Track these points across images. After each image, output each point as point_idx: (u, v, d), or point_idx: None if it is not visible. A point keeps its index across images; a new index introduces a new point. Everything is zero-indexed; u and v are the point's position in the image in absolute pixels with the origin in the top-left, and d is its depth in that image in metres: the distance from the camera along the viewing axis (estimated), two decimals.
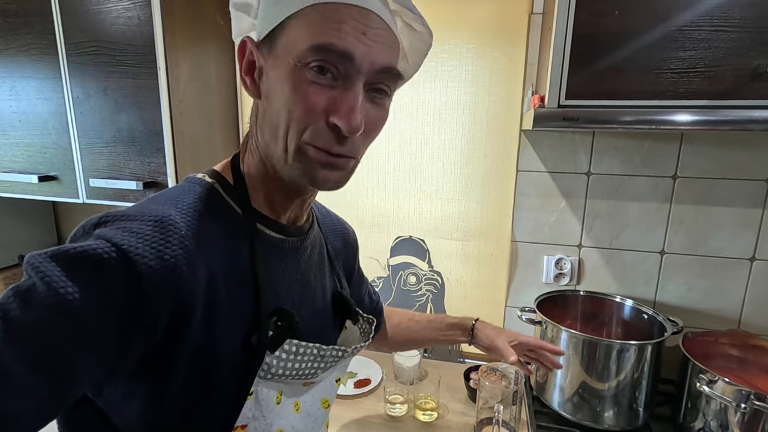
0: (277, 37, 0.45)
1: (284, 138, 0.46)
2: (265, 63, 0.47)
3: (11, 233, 1.52)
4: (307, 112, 0.44)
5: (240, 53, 0.49)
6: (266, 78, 0.47)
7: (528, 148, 1.19)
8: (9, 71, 1.19)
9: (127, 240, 0.39)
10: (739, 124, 0.78)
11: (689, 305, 1.17)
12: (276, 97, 0.46)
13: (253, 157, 0.52)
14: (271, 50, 0.46)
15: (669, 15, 0.78)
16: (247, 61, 0.48)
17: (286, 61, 0.44)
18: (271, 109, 0.47)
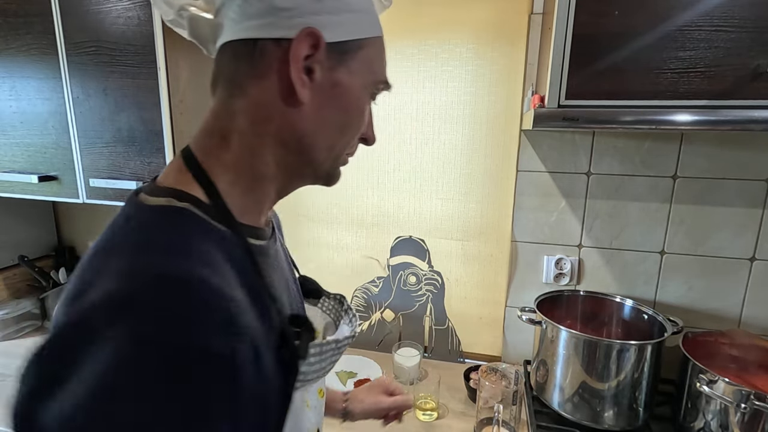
0: (353, 51, 0.44)
1: (331, 149, 0.47)
2: (330, 71, 0.43)
3: (11, 233, 1.52)
4: (359, 130, 0.49)
5: (307, 45, 0.41)
6: (325, 86, 0.43)
7: (528, 148, 1.19)
8: (9, 71, 1.19)
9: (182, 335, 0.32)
10: (739, 124, 0.78)
11: (689, 305, 1.17)
12: (334, 109, 0.45)
13: (235, 166, 0.44)
14: (342, 61, 0.43)
15: (669, 15, 0.78)
16: (313, 59, 0.42)
17: (361, 80, 0.45)
18: (318, 120, 0.44)
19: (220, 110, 0.45)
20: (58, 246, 1.68)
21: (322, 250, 1.43)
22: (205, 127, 0.46)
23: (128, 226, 0.40)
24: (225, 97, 0.44)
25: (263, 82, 0.42)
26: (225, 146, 0.44)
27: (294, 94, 0.42)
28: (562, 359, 1.02)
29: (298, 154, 0.46)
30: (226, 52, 0.44)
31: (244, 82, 0.43)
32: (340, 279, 1.43)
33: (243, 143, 0.44)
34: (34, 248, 1.59)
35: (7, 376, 1.21)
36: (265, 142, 0.44)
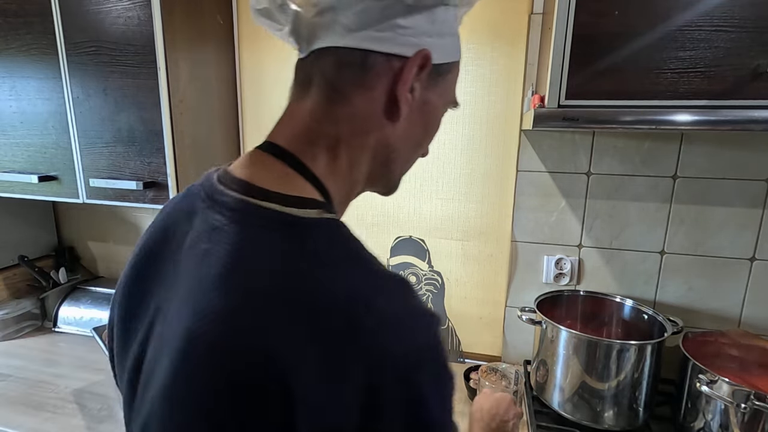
0: (445, 73, 0.46)
1: (407, 162, 0.50)
2: (425, 90, 0.44)
3: (11, 233, 1.52)
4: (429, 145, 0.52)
5: (418, 65, 0.41)
6: (418, 104, 0.44)
7: (528, 148, 1.19)
8: (9, 71, 1.19)
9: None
10: (739, 124, 0.78)
11: (689, 305, 1.17)
12: (420, 126, 0.47)
13: (340, 176, 0.44)
14: (436, 82, 0.45)
15: (669, 15, 0.78)
16: (417, 78, 0.42)
17: (443, 99, 0.47)
18: (405, 135, 0.46)
19: (320, 115, 0.42)
20: (58, 246, 1.68)
21: None
22: (304, 130, 0.43)
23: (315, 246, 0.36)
24: (324, 102, 0.42)
25: (369, 93, 0.42)
26: (333, 155, 0.43)
27: (397, 110, 0.42)
28: (562, 359, 1.03)
29: (383, 166, 0.47)
30: (327, 56, 0.42)
31: (349, 90, 0.42)
32: None
33: (348, 154, 0.43)
34: (34, 248, 1.59)
35: (7, 376, 1.22)
36: (364, 154, 0.44)
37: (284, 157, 0.42)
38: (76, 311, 1.46)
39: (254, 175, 0.40)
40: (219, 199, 0.40)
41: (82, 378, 1.21)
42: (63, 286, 1.54)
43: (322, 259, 0.36)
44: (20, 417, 1.05)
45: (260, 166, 0.42)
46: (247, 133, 1.40)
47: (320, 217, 0.39)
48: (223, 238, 0.37)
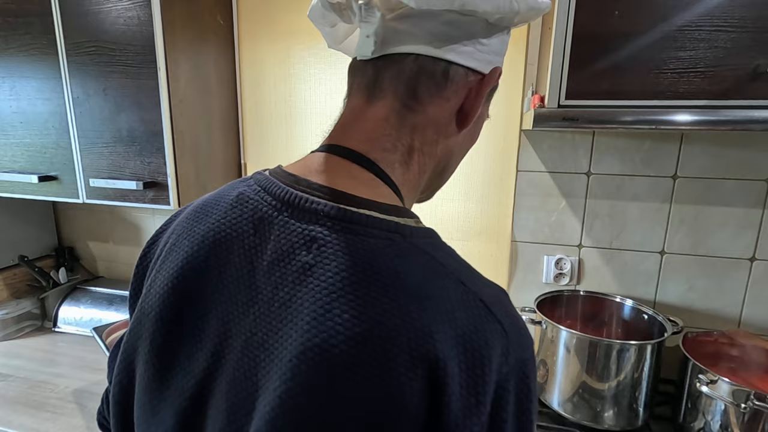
0: (495, 90, 0.47)
1: (453, 171, 0.50)
2: (483, 105, 0.45)
3: (11, 233, 1.52)
4: None
5: (492, 82, 0.44)
6: (477, 117, 0.45)
7: (528, 148, 1.19)
8: (9, 71, 1.19)
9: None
10: (739, 124, 0.78)
11: (689, 305, 1.17)
12: (471, 137, 0.49)
13: (410, 185, 0.45)
14: (491, 97, 0.47)
15: (669, 15, 0.78)
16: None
17: (486, 113, 0.48)
18: (462, 145, 0.48)
19: (396, 122, 0.41)
20: (58, 246, 1.68)
21: None
22: (378, 135, 0.41)
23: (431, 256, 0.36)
24: (400, 109, 0.41)
25: (445, 104, 0.42)
26: (407, 163, 0.43)
27: (465, 122, 0.44)
28: (562, 359, 1.03)
29: (440, 175, 0.48)
30: (405, 62, 0.41)
31: (426, 99, 0.41)
32: None
33: (419, 162, 0.44)
34: (34, 248, 1.59)
35: (7, 376, 1.22)
36: (431, 162, 0.45)
37: (365, 163, 0.40)
38: (76, 311, 1.46)
39: (338, 182, 0.38)
40: (308, 207, 0.36)
41: (82, 378, 1.21)
42: (63, 286, 1.54)
43: (445, 265, 0.36)
44: (20, 417, 1.05)
45: (343, 172, 0.40)
46: (247, 133, 1.40)
47: (419, 226, 0.39)
48: (329, 249, 0.34)
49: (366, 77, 0.42)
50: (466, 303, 0.34)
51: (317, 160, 0.41)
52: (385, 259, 0.34)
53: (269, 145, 1.39)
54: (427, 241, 0.38)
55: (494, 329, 0.33)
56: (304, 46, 1.29)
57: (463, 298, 0.34)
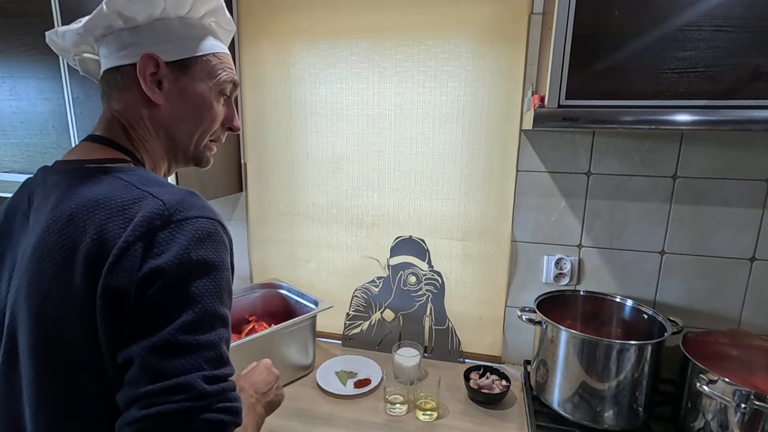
0: (192, 65, 0.63)
1: (191, 136, 0.67)
2: (176, 80, 0.63)
3: None
4: (213, 121, 0.68)
5: (151, 65, 0.61)
6: (174, 91, 0.63)
7: (528, 148, 1.19)
8: (9, 71, 1.19)
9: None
10: (739, 124, 0.78)
11: (689, 305, 1.17)
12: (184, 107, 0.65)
13: (146, 148, 0.65)
14: (184, 73, 0.63)
15: (669, 15, 0.78)
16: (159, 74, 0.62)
17: (203, 84, 0.64)
18: (175, 115, 0.64)
19: (112, 114, 0.62)
20: None
21: (322, 250, 1.43)
22: (107, 124, 0.63)
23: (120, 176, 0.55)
24: (111, 104, 0.62)
25: (128, 93, 0.61)
26: (128, 134, 0.62)
27: (150, 99, 0.60)
28: (562, 359, 1.03)
29: (168, 141, 0.64)
30: (104, 78, 0.63)
31: (118, 94, 0.61)
32: (340, 279, 1.43)
33: (136, 133, 0.62)
34: None
35: None
36: (147, 133, 0.62)
37: (100, 140, 0.61)
38: None
39: (77, 156, 0.60)
40: (52, 174, 0.58)
41: None
42: None
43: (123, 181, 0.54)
44: None
45: (81, 149, 0.61)
46: (247, 133, 1.40)
47: (127, 166, 0.58)
48: (57, 190, 0.55)
49: (101, 94, 0.65)
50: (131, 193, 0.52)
51: (75, 147, 0.63)
52: (85, 185, 0.54)
53: (269, 145, 1.39)
54: (123, 172, 0.56)
55: (147, 204, 0.50)
56: (304, 46, 1.29)
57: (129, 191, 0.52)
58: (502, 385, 1.15)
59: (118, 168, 0.57)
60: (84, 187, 0.53)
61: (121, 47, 0.60)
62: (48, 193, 0.56)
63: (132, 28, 0.60)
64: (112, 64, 0.61)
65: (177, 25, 0.61)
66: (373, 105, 1.28)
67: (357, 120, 1.30)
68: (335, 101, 1.31)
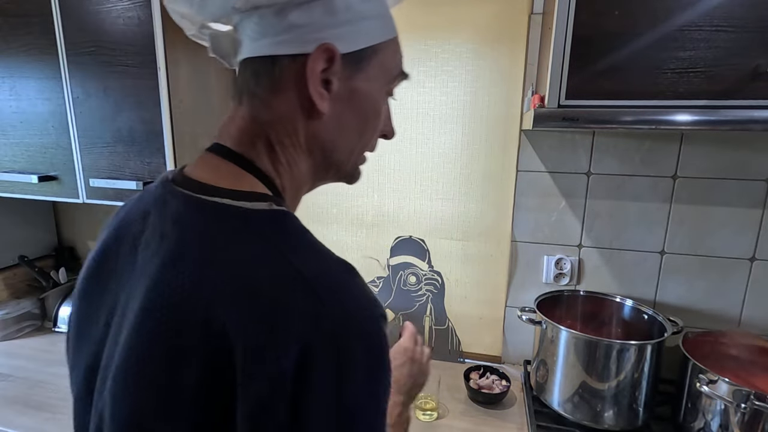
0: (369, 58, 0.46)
1: (352, 152, 0.51)
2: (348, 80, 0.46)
3: (11, 233, 1.52)
4: (377, 130, 0.52)
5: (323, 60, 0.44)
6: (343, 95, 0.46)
7: (528, 148, 1.19)
8: (9, 71, 1.19)
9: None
10: (739, 124, 0.78)
11: (689, 305, 1.17)
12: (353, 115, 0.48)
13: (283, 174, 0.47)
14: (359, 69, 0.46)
15: (669, 15, 0.78)
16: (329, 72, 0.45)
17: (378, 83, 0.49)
18: (339, 127, 0.48)
19: (253, 120, 0.45)
20: (58, 246, 1.68)
21: None
22: (244, 133, 0.45)
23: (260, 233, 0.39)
24: (252, 109, 0.44)
25: (285, 95, 0.43)
26: (272, 155, 0.45)
27: (314, 107, 0.43)
28: (562, 359, 1.03)
29: (323, 160, 0.47)
30: (246, 68, 0.44)
31: (268, 97, 0.43)
32: None
33: (284, 153, 0.45)
34: (34, 248, 1.59)
35: (7, 376, 1.22)
36: (298, 152, 0.46)
37: (232, 157, 0.44)
38: None
39: (206, 176, 0.43)
40: (173, 199, 0.42)
41: None
42: (63, 286, 1.54)
43: (263, 244, 0.38)
44: (20, 417, 1.05)
45: (211, 167, 0.44)
46: None
47: (269, 209, 0.41)
48: (176, 231, 0.40)
49: (236, 85, 0.46)
50: (277, 270, 0.36)
51: (199, 159, 0.46)
52: (217, 236, 0.38)
53: None
54: (262, 223, 0.40)
55: (300, 296, 0.35)
56: None
57: (275, 264, 0.36)
58: (502, 385, 1.15)
59: (263, 212, 0.40)
60: (214, 242, 0.38)
61: (284, 29, 0.41)
62: (164, 226, 0.41)
63: (305, 3, 0.41)
64: (262, 51, 0.42)
65: (356, 2, 0.43)
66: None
67: None
68: None
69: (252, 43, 0.43)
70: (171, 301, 0.36)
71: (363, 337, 0.36)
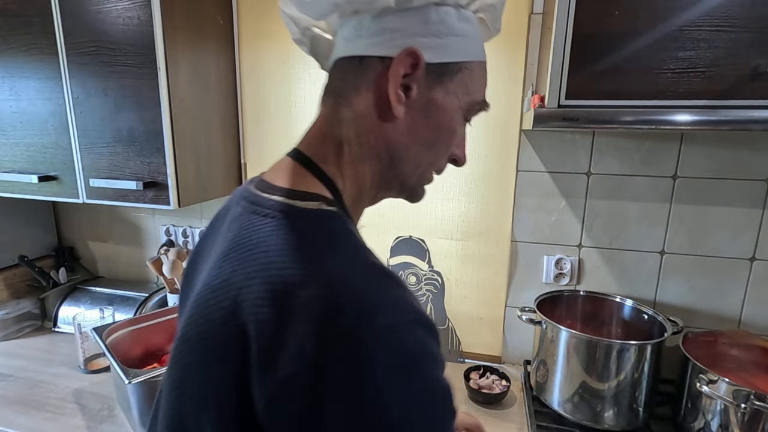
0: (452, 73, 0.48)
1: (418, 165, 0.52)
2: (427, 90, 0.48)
3: (11, 233, 1.52)
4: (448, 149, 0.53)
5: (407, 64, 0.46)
6: (420, 104, 0.48)
7: (528, 148, 1.19)
8: (9, 71, 1.19)
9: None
10: (739, 124, 0.78)
11: (689, 305, 1.17)
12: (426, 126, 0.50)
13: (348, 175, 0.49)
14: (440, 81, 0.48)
15: (669, 15, 0.78)
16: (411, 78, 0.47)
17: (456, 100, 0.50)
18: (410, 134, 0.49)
19: (330, 119, 0.47)
20: (58, 246, 1.68)
21: None
22: (317, 134, 0.48)
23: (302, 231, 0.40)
24: (333, 108, 0.47)
25: (366, 95, 0.45)
26: (339, 155, 0.47)
27: (389, 109, 0.45)
28: (562, 359, 1.03)
29: (389, 167, 0.48)
30: (336, 68, 0.48)
31: (350, 94, 0.46)
32: None
33: (351, 152, 0.47)
34: (34, 248, 1.59)
35: (7, 376, 1.22)
36: (366, 152, 0.47)
37: (300, 159, 0.47)
38: (76, 311, 1.46)
39: (274, 176, 0.47)
40: (243, 195, 0.47)
41: (82, 378, 1.21)
42: (63, 286, 1.54)
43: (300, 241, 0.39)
44: (20, 417, 1.05)
45: (280, 167, 0.48)
46: (247, 133, 1.40)
47: (318, 209, 0.42)
48: (235, 224, 0.44)
49: (324, 89, 0.50)
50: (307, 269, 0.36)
51: (277, 162, 0.50)
52: (259, 233, 0.41)
53: (269, 145, 1.39)
54: (307, 221, 0.41)
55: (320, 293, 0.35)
56: None
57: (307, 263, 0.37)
58: (502, 385, 1.15)
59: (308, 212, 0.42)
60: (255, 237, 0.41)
61: (377, 32, 0.44)
62: (229, 223, 0.46)
63: (402, 10, 0.44)
64: (354, 51, 0.45)
65: (452, 15, 0.45)
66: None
67: None
68: None
69: (346, 44, 0.46)
70: (210, 293, 0.39)
71: (381, 337, 0.34)
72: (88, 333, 1.19)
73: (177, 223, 1.55)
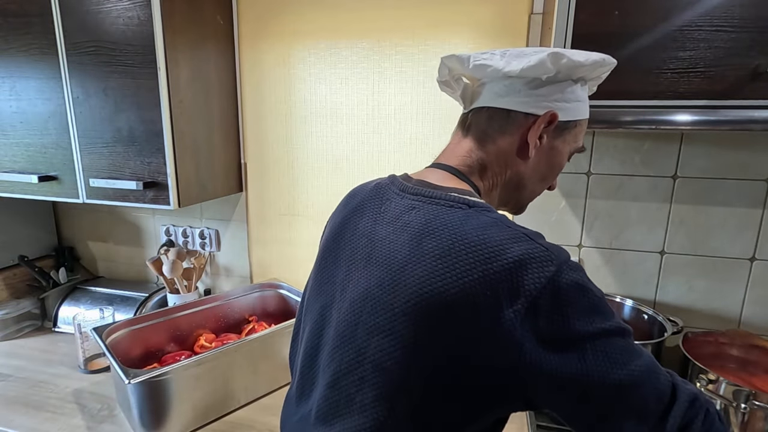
0: (570, 128, 0.63)
1: (533, 192, 0.68)
2: (552, 139, 0.62)
3: (11, 233, 1.52)
4: (554, 180, 0.69)
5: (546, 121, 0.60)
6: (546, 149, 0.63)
7: None
8: (9, 71, 1.19)
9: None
10: (739, 124, 0.78)
11: (689, 305, 1.17)
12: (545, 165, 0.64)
13: (488, 194, 0.64)
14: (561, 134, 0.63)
15: (669, 15, 0.78)
16: (545, 130, 0.61)
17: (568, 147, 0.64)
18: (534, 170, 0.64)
19: (476, 150, 0.62)
20: (58, 246, 1.68)
21: None
22: (465, 158, 0.62)
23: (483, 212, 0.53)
24: (480, 141, 0.62)
25: (509, 138, 0.60)
26: (482, 177, 0.62)
27: (526, 152, 0.60)
28: None
29: (513, 191, 0.64)
30: (483, 112, 0.62)
31: (495, 136, 0.61)
32: None
33: (491, 178, 0.62)
34: (34, 248, 1.59)
35: (7, 376, 1.22)
36: (500, 179, 0.62)
37: (454, 171, 0.61)
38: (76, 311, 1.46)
39: (435, 179, 0.60)
40: (412, 190, 0.58)
41: (82, 378, 1.21)
42: (63, 286, 1.54)
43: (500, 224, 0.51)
44: (20, 417, 1.05)
45: (438, 174, 0.61)
46: (248, 133, 1.40)
47: (480, 202, 0.55)
48: (420, 213, 0.54)
49: (463, 123, 0.65)
50: (506, 233, 0.49)
51: (425, 170, 0.64)
52: (452, 217, 0.52)
53: (269, 145, 1.39)
54: (483, 208, 0.54)
55: (534, 247, 0.49)
56: (304, 46, 1.29)
57: (503, 229, 0.50)
58: None
59: (479, 204, 0.55)
60: (453, 219, 0.52)
61: (526, 95, 0.58)
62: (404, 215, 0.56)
63: (549, 83, 0.58)
64: (505, 105, 0.59)
65: (579, 87, 0.61)
66: (373, 105, 1.28)
67: (357, 120, 1.30)
68: (335, 101, 1.31)
69: (497, 98, 0.60)
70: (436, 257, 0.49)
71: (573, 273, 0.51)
72: (88, 333, 1.20)
73: (177, 223, 1.55)
